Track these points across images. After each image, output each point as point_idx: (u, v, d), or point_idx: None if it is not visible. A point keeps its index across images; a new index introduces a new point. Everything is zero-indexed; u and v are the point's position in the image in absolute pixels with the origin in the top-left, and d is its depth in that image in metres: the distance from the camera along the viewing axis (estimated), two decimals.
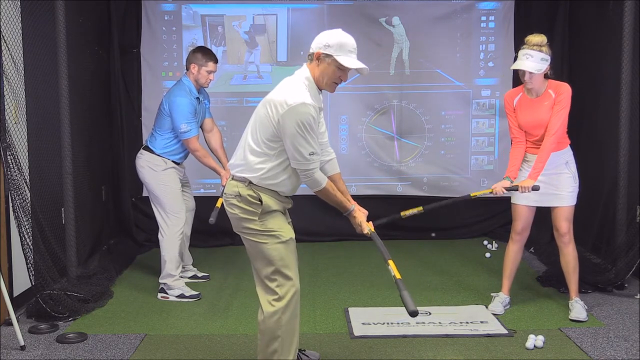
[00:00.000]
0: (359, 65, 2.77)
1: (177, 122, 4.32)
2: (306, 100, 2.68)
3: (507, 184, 3.84)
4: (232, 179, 2.89)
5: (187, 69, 4.44)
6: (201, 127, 4.61)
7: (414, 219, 6.23)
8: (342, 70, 2.78)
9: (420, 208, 3.88)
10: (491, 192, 3.88)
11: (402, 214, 3.84)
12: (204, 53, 4.43)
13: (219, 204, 4.16)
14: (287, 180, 2.85)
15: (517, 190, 3.77)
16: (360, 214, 3.00)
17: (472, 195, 4.05)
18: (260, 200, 2.80)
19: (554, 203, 3.86)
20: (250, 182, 2.82)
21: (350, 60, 2.75)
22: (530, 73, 3.68)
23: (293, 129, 2.66)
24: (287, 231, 2.88)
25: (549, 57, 3.70)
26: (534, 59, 3.65)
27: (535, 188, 3.71)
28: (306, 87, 2.76)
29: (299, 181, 2.90)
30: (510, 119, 3.92)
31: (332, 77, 2.79)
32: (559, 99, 3.74)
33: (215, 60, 4.44)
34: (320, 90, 2.84)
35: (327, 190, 2.84)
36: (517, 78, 3.89)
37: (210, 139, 4.68)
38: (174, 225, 4.41)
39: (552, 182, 3.83)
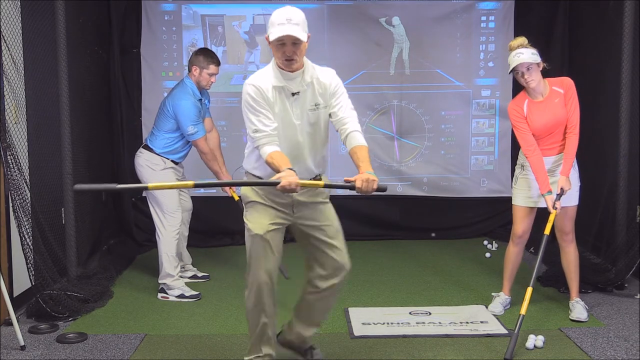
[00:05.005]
0: (279, 34, 2.68)
1: (184, 125, 4.33)
2: (251, 80, 2.82)
3: (552, 197, 3.74)
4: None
5: (189, 71, 4.44)
6: None
7: (413, 218, 6.31)
8: (280, 45, 2.73)
9: None
10: (555, 213, 3.75)
11: None
12: (206, 56, 4.42)
13: None
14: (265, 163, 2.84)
15: (563, 194, 3.72)
16: (287, 174, 2.64)
17: (546, 233, 3.72)
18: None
19: (560, 203, 3.84)
20: (247, 171, 3.01)
21: (273, 31, 2.71)
22: (529, 68, 3.67)
23: (242, 107, 2.86)
24: (259, 226, 2.90)
25: (537, 51, 3.72)
26: (526, 55, 3.67)
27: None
28: (271, 69, 2.84)
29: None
30: (523, 127, 3.79)
31: (277, 56, 2.78)
32: (570, 94, 3.75)
33: (217, 63, 4.43)
34: (292, 71, 2.81)
35: (267, 161, 2.78)
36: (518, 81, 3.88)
37: (208, 138, 4.68)
38: (170, 225, 4.41)
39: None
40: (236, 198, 4.60)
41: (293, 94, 2.84)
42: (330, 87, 2.88)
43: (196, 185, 2.89)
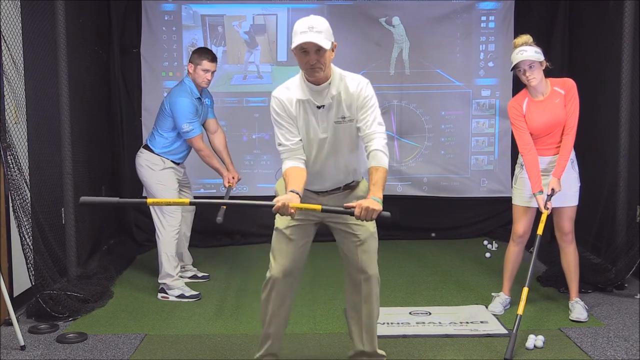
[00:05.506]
0: (300, 41, 2.66)
1: (179, 123, 4.33)
2: (276, 92, 2.82)
3: (543, 197, 3.75)
4: None
5: (187, 70, 4.46)
6: (205, 127, 4.62)
7: (413, 218, 6.31)
8: (304, 53, 2.70)
9: None
10: (548, 214, 3.76)
11: None
12: (200, 52, 4.43)
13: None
14: None
15: (553, 194, 3.73)
16: (287, 197, 2.64)
17: (539, 233, 3.75)
18: None
19: (560, 203, 3.84)
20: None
21: (295, 39, 2.69)
22: (531, 66, 3.67)
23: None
24: (281, 221, 2.95)
25: (540, 50, 3.72)
26: (529, 52, 3.67)
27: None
28: (299, 80, 2.81)
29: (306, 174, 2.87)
30: (521, 126, 3.80)
31: (302, 64, 2.74)
32: (570, 95, 3.75)
33: (211, 59, 4.40)
34: (318, 84, 2.77)
35: (283, 177, 2.86)
36: (518, 80, 3.88)
37: (214, 139, 4.68)
38: (169, 225, 4.41)
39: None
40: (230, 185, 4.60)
41: (318, 107, 2.80)
42: (359, 99, 2.82)
43: (191, 203, 2.99)
